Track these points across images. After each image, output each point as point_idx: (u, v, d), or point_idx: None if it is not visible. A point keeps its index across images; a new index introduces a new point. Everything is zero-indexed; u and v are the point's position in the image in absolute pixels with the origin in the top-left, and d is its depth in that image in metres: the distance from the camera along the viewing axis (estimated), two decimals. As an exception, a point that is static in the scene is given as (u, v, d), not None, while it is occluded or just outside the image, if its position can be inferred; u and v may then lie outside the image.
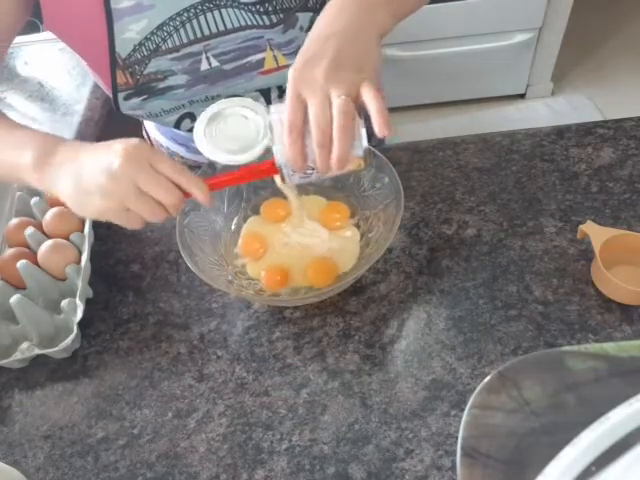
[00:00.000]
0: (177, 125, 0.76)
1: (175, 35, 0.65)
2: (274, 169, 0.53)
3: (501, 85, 2.04)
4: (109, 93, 0.71)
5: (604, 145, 0.75)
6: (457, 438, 0.33)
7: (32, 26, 1.28)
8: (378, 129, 0.48)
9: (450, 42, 1.81)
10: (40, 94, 1.07)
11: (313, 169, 0.52)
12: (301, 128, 0.49)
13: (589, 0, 2.12)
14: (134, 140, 0.51)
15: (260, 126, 0.54)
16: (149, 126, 0.92)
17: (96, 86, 1.06)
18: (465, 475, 0.32)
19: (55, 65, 1.12)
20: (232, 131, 0.54)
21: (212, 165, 0.70)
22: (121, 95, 0.70)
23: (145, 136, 0.96)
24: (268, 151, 0.53)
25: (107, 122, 1.07)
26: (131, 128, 1.00)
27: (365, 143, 0.52)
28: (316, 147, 0.49)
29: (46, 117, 1.02)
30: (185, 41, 0.66)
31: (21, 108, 1.06)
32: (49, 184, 0.54)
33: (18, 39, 1.18)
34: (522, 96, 2.08)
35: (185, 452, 0.57)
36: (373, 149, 0.67)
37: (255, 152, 0.53)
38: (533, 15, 1.79)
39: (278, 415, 0.58)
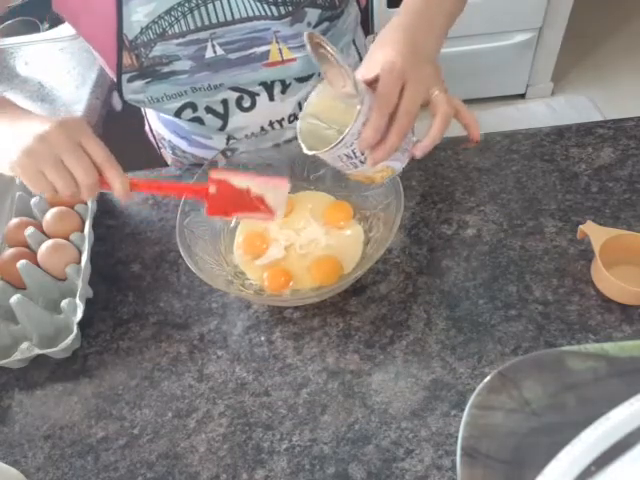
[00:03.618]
0: (178, 113, 0.77)
1: (182, 21, 0.66)
2: (203, 194, 0.55)
3: (501, 85, 2.04)
4: (113, 76, 0.72)
5: (604, 145, 0.75)
6: (457, 438, 0.33)
7: (32, 26, 1.28)
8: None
9: (450, 42, 1.81)
10: (40, 94, 1.07)
11: (362, 162, 0.53)
12: (393, 109, 0.50)
13: (589, 0, 2.12)
14: (76, 115, 0.52)
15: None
16: (152, 119, 0.92)
17: (96, 86, 1.06)
18: (465, 475, 0.32)
19: (55, 65, 1.12)
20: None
21: (214, 163, 0.70)
22: (125, 77, 0.70)
23: (147, 129, 0.96)
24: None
25: (107, 122, 1.07)
26: (132, 127, 1.00)
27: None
28: (393, 131, 0.50)
29: (46, 117, 1.02)
30: (192, 27, 0.67)
31: (21, 108, 1.06)
32: None
33: (18, 39, 1.19)
34: (522, 96, 2.08)
35: (185, 452, 0.57)
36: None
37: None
38: (533, 15, 1.80)
39: (278, 415, 0.58)
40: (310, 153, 0.52)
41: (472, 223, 0.70)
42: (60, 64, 1.12)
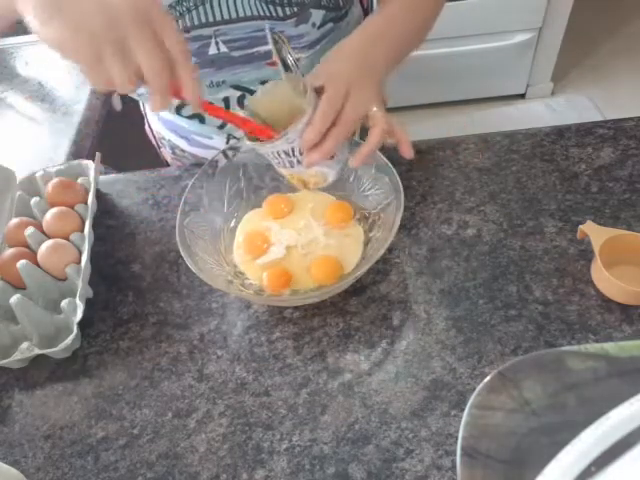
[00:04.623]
0: (179, 109, 0.76)
1: (187, 16, 0.66)
2: (266, 133, 0.55)
3: (501, 85, 2.04)
4: None
5: (604, 145, 0.75)
6: (457, 438, 0.34)
7: (32, 26, 1.28)
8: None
9: (450, 42, 1.82)
10: (40, 94, 1.07)
11: (298, 162, 0.57)
12: (335, 116, 0.54)
13: (589, 0, 2.12)
14: None
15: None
16: (151, 118, 0.92)
17: (96, 86, 1.06)
18: (465, 475, 0.32)
19: (55, 65, 1.12)
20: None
21: (214, 163, 0.70)
22: None
23: (147, 128, 0.96)
24: None
25: (107, 122, 1.07)
26: (132, 127, 1.00)
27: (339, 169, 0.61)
28: (331, 136, 0.54)
29: (46, 117, 1.02)
30: (196, 23, 0.67)
31: (21, 108, 1.06)
32: None
33: (18, 39, 1.19)
34: (522, 96, 2.08)
35: (185, 452, 0.57)
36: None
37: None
38: (533, 15, 1.80)
39: (278, 415, 0.58)
40: (251, 144, 0.55)
41: (472, 223, 0.70)
42: (60, 64, 1.12)
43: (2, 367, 0.65)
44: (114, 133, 1.07)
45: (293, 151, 0.55)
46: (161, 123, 0.89)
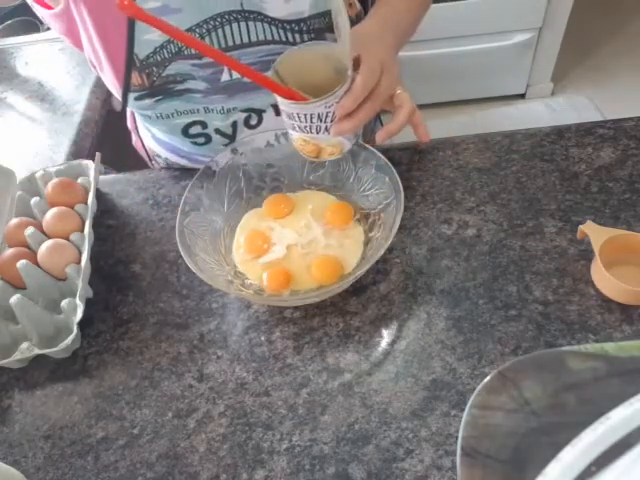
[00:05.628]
0: (186, 129, 0.76)
1: None
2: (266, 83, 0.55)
3: (501, 85, 2.04)
4: (117, 94, 0.71)
5: (604, 145, 0.75)
6: (457, 438, 0.33)
7: (32, 26, 1.29)
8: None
9: (450, 42, 1.82)
10: (40, 94, 1.07)
11: (326, 129, 0.57)
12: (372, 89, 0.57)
13: (589, 0, 2.12)
14: None
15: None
16: (145, 136, 0.91)
17: (96, 86, 1.06)
18: (465, 475, 0.32)
19: (55, 65, 1.13)
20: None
21: (214, 163, 0.70)
22: (132, 95, 0.69)
23: (138, 144, 0.95)
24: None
25: (107, 122, 1.07)
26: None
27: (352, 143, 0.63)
28: (364, 109, 0.57)
29: (46, 117, 1.02)
30: None
31: (21, 108, 1.06)
32: None
33: (18, 39, 1.19)
34: (522, 96, 2.08)
35: (185, 452, 0.57)
36: (373, 149, 0.67)
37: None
38: (533, 15, 1.80)
39: (278, 415, 0.58)
40: (288, 102, 0.56)
41: (472, 223, 0.70)
42: (60, 64, 1.12)
43: (2, 367, 0.65)
44: (114, 133, 1.07)
45: (327, 116, 0.55)
46: (157, 143, 0.87)
